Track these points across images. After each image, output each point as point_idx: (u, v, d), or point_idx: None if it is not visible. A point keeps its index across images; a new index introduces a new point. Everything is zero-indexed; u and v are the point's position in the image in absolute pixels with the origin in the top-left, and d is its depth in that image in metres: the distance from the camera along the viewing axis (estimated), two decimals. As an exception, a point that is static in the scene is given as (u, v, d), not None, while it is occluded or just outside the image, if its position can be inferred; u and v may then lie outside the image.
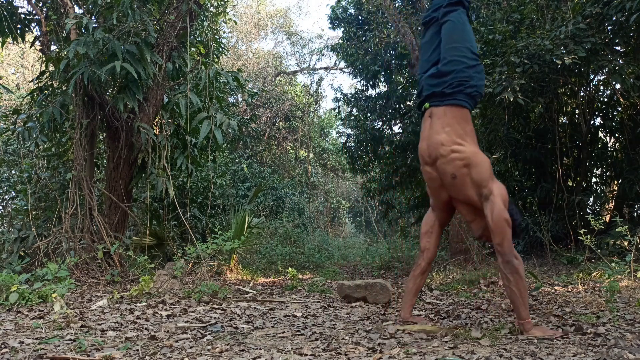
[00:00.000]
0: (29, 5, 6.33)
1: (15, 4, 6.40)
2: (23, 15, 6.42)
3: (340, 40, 11.87)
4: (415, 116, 9.89)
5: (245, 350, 2.46)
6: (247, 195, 11.97)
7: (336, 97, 12.96)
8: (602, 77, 7.84)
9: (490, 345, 2.45)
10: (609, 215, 8.09)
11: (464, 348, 2.40)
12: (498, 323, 2.97)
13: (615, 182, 8.59)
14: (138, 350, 2.42)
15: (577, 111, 8.40)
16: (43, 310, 3.50)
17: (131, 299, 4.02)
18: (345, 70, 16.46)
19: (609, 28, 6.52)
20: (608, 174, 8.84)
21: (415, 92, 11.14)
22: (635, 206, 7.88)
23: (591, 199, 8.55)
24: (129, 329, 2.96)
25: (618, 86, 7.29)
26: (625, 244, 4.21)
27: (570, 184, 8.33)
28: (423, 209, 11.55)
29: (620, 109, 8.11)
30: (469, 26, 3.04)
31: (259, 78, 18.60)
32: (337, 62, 18.64)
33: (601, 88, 8.39)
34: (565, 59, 5.84)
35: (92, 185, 5.94)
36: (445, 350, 2.38)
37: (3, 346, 2.47)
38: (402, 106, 11.21)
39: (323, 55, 21.17)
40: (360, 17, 11.33)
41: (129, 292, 4.16)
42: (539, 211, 7.31)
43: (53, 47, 6.36)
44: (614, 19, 6.08)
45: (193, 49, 6.84)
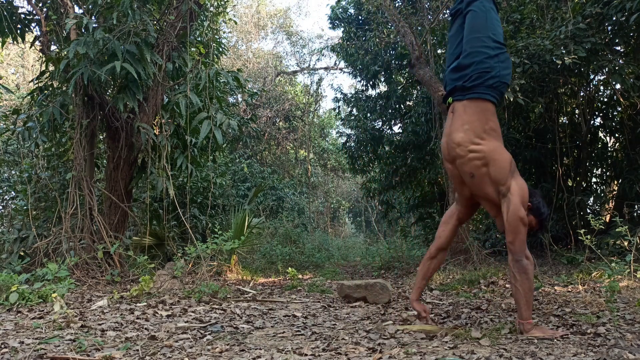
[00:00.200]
0: (29, 5, 6.33)
1: (15, 4, 6.40)
2: (23, 15, 6.42)
3: (340, 40, 11.86)
4: (415, 116, 9.89)
5: (245, 350, 2.46)
6: (247, 195, 11.96)
7: (336, 97, 12.96)
8: (602, 77, 7.84)
9: (490, 345, 2.45)
10: (609, 215, 8.10)
11: (464, 348, 2.40)
12: (498, 323, 2.97)
13: (615, 182, 8.59)
14: (138, 350, 2.42)
15: (577, 111, 8.40)
16: (43, 310, 3.49)
17: (131, 299, 4.02)
18: (345, 70, 16.45)
19: (609, 28, 6.52)
20: (608, 174, 8.84)
21: (415, 92, 11.15)
22: (635, 206, 7.88)
23: (591, 199, 8.55)
24: (129, 329, 2.96)
25: (618, 86, 7.29)
26: (625, 244, 4.21)
27: (570, 184, 8.33)
28: (423, 209, 11.57)
29: (620, 109, 8.12)
30: (492, 14, 2.91)
31: (259, 78, 18.61)
32: (337, 62, 18.67)
33: (601, 88, 8.39)
34: (565, 59, 5.84)
35: (92, 185, 5.94)
36: (445, 350, 2.38)
37: (3, 346, 2.46)
38: (402, 106, 11.21)
39: (323, 55, 21.22)
40: (360, 17, 11.32)
41: (129, 292, 4.16)
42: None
43: (53, 47, 6.36)
44: (614, 19, 6.09)
45: (193, 49, 6.84)
